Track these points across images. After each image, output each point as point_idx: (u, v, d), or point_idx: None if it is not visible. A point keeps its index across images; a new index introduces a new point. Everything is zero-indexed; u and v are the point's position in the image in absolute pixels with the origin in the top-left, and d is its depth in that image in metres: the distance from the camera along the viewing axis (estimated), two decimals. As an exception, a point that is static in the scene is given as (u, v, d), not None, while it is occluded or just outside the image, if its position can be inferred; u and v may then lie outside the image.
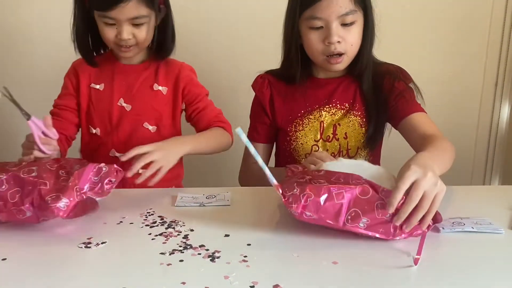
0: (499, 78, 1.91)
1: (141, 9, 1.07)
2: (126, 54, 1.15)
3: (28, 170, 0.80)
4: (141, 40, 1.12)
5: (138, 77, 1.20)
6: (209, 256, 0.69)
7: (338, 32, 1.01)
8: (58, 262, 0.68)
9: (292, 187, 0.74)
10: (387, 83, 1.11)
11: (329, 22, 1.01)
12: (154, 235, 0.77)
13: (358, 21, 1.03)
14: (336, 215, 0.72)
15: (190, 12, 1.73)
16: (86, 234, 0.77)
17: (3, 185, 0.79)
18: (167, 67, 1.22)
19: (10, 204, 0.77)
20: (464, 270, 0.66)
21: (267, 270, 0.65)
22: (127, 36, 1.08)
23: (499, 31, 1.86)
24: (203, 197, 0.96)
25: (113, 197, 0.97)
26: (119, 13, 1.05)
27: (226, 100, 1.84)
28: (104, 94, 1.20)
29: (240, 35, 1.80)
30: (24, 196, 0.77)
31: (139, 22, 1.09)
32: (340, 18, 1.00)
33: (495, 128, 1.97)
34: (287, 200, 0.73)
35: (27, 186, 0.78)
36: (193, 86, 1.23)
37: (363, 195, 0.73)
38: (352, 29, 1.03)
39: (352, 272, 0.65)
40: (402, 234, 0.72)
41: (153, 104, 1.20)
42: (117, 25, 1.08)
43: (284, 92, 1.16)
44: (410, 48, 1.87)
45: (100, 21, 1.09)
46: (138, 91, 1.20)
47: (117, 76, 1.20)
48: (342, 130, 1.12)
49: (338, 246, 0.72)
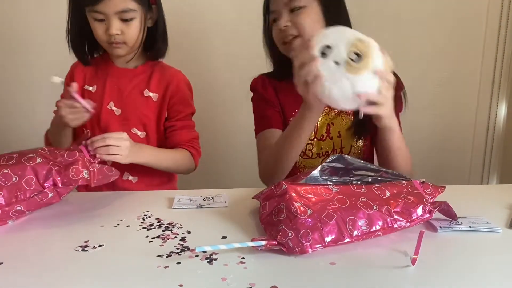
0: (496, 77, 1.92)
1: (128, 2, 1.08)
2: (117, 51, 1.14)
3: (27, 158, 0.85)
4: (130, 37, 1.12)
5: (130, 82, 1.20)
6: (206, 258, 0.69)
7: (287, 17, 1.06)
8: (55, 265, 0.68)
9: (285, 233, 0.71)
10: None
11: (278, 11, 1.07)
12: (152, 238, 0.77)
13: (309, 6, 1.05)
14: (339, 233, 0.71)
15: (186, 14, 1.74)
16: (83, 237, 0.77)
17: (13, 178, 0.82)
18: (161, 73, 1.22)
19: (29, 192, 0.81)
20: (462, 269, 0.66)
21: (264, 272, 0.65)
22: (115, 31, 1.09)
23: (495, 30, 1.87)
24: (200, 199, 0.96)
25: (110, 200, 0.97)
26: (106, 6, 1.07)
27: (224, 101, 1.85)
28: (96, 96, 1.19)
29: (238, 36, 1.80)
30: (43, 181, 0.83)
31: (127, 17, 1.09)
32: (287, 5, 1.05)
33: (492, 127, 1.97)
34: (288, 248, 0.70)
35: (41, 170, 0.83)
36: (179, 101, 1.22)
37: (343, 204, 0.74)
38: (301, 12, 1.05)
39: (349, 273, 0.65)
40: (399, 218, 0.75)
41: (142, 109, 1.19)
42: (105, 20, 1.09)
43: (280, 90, 1.18)
44: (407, 47, 1.87)
45: (91, 18, 1.10)
46: (129, 96, 1.19)
47: (110, 79, 1.20)
48: (336, 129, 1.14)
49: (336, 247, 0.71)
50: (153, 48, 1.20)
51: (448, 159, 2.04)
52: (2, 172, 0.82)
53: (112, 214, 0.89)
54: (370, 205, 0.75)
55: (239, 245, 0.70)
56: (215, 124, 1.86)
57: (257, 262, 0.68)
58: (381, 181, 0.88)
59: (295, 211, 0.72)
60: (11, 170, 0.83)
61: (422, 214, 0.77)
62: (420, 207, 0.77)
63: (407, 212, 0.76)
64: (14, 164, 0.84)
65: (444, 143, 2.03)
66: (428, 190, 0.83)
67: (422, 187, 0.83)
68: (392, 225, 0.74)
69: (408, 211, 0.76)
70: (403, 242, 0.73)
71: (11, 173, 0.82)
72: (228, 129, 1.88)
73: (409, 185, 0.82)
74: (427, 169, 2.03)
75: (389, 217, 0.74)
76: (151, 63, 1.22)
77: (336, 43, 0.80)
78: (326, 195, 0.76)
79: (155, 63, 1.23)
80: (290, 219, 0.72)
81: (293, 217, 0.72)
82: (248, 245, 0.70)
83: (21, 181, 0.82)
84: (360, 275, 0.64)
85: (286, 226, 0.71)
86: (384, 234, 0.74)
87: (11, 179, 0.82)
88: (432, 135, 2.02)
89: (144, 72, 1.22)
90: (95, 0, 1.06)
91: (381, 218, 0.74)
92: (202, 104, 1.38)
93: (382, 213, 0.74)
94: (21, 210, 0.82)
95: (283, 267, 0.67)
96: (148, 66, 1.22)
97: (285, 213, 0.73)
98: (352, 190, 0.78)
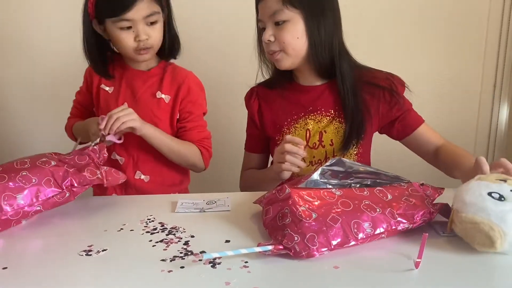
0: (497, 80, 1.92)
1: (153, 5, 1.10)
2: (145, 57, 1.16)
3: (41, 162, 0.88)
4: (156, 39, 1.14)
5: (143, 84, 1.21)
6: (210, 262, 0.69)
7: (271, 30, 1.07)
8: (59, 270, 0.68)
9: (291, 237, 0.71)
10: (374, 91, 1.12)
11: (264, 22, 1.08)
12: (155, 242, 0.77)
13: (292, 21, 1.05)
14: (344, 236, 0.71)
15: (194, 16, 1.74)
16: (87, 242, 0.77)
17: (33, 179, 0.84)
18: (173, 75, 1.23)
19: (49, 192, 0.84)
20: (465, 272, 0.66)
21: (268, 276, 0.65)
22: (145, 36, 1.11)
23: (496, 33, 1.87)
24: (203, 202, 0.96)
25: (114, 204, 0.98)
26: (136, 13, 1.08)
27: (225, 105, 1.85)
28: (112, 97, 1.22)
29: (242, 39, 1.80)
30: (61, 181, 0.86)
31: (153, 20, 1.11)
32: (271, 18, 1.06)
33: (494, 130, 1.97)
34: (294, 252, 0.70)
35: (57, 172, 0.86)
36: (190, 102, 1.23)
37: (347, 207, 0.75)
38: (284, 27, 1.06)
39: (353, 277, 0.65)
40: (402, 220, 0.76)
41: (154, 111, 1.20)
42: (133, 27, 1.10)
43: (271, 102, 1.19)
44: (409, 50, 1.87)
45: (116, 29, 1.10)
46: (141, 98, 1.20)
47: (125, 80, 1.22)
48: (328, 137, 1.13)
49: (339, 250, 0.71)
50: (166, 48, 1.21)
51: (450, 162, 2.03)
52: (21, 174, 0.84)
53: (115, 219, 0.89)
54: (374, 208, 0.75)
55: (246, 251, 0.69)
56: (217, 127, 1.86)
57: (261, 266, 0.68)
58: (380, 184, 0.88)
59: (300, 215, 0.72)
60: (29, 172, 0.85)
61: (424, 215, 0.77)
62: (422, 209, 0.78)
63: (410, 214, 0.77)
64: (30, 167, 0.86)
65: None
66: (428, 192, 0.83)
67: (422, 189, 0.84)
68: (396, 227, 0.75)
69: (411, 213, 0.77)
70: (406, 245, 0.73)
71: (30, 175, 0.84)
72: (231, 133, 1.88)
73: (410, 187, 0.83)
74: (429, 171, 2.03)
75: (393, 219, 0.75)
76: (163, 65, 1.24)
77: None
78: (330, 198, 0.76)
79: (167, 64, 1.24)
80: (295, 223, 0.72)
81: (298, 221, 0.72)
82: (255, 250, 0.70)
83: (40, 182, 0.84)
84: (363, 278, 0.64)
85: (292, 230, 0.71)
86: (388, 236, 0.75)
87: (31, 180, 0.83)
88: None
89: (157, 74, 1.23)
90: (124, 8, 1.06)
91: (385, 221, 0.74)
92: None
93: (386, 216, 0.75)
94: (39, 209, 0.85)
95: (287, 271, 0.67)
96: (160, 68, 1.24)
97: (290, 217, 0.74)
98: (355, 193, 0.79)
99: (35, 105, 1.88)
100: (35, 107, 1.88)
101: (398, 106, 1.12)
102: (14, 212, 0.81)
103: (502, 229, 0.67)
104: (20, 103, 1.88)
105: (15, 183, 0.82)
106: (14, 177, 0.83)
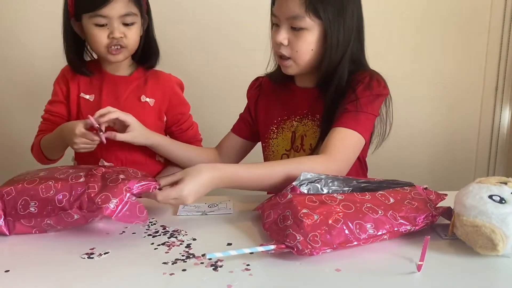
0: (499, 82, 1.92)
1: (130, 6, 1.11)
2: (117, 58, 1.15)
3: (75, 176, 0.83)
4: (132, 41, 1.14)
5: (126, 88, 1.21)
6: (211, 265, 0.69)
7: (285, 33, 1.02)
8: (61, 273, 0.68)
9: (293, 237, 0.71)
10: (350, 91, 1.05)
11: (280, 20, 1.02)
12: (157, 245, 0.78)
13: (311, 30, 1.00)
14: (346, 236, 0.71)
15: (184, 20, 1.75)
16: (89, 245, 0.77)
17: (51, 190, 0.81)
18: (155, 78, 1.24)
19: (57, 209, 0.80)
20: (467, 275, 0.65)
21: (269, 278, 0.65)
22: (119, 34, 1.11)
23: (498, 35, 1.87)
24: (205, 205, 0.96)
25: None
26: (111, 9, 1.08)
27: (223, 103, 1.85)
28: (94, 104, 1.20)
29: (236, 40, 1.81)
30: (73, 200, 0.80)
31: (129, 21, 1.11)
32: (289, 20, 1.00)
33: (496, 132, 1.97)
34: (297, 250, 0.69)
35: (76, 190, 0.80)
36: (178, 104, 1.26)
37: (349, 209, 0.75)
38: (301, 35, 1.00)
39: (355, 280, 0.65)
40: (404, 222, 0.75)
41: (140, 115, 1.19)
42: (108, 24, 1.10)
43: (269, 97, 1.19)
44: (410, 52, 1.88)
45: (91, 24, 1.11)
46: (126, 102, 1.20)
47: (106, 86, 1.21)
48: (308, 141, 1.11)
49: (341, 253, 0.72)
50: (147, 55, 1.22)
51: (453, 165, 2.03)
52: (47, 183, 0.82)
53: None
54: (376, 210, 0.75)
55: (249, 250, 0.70)
56: (217, 128, 1.86)
57: (263, 269, 0.68)
58: (383, 188, 0.88)
59: (302, 217, 0.72)
60: (54, 182, 0.82)
61: (426, 218, 0.77)
62: (424, 212, 0.78)
63: (412, 217, 0.77)
64: (63, 179, 0.83)
65: (448, 149, 2.03)
66: (431, 196, 0.83)
67: (426, 193, 0.84)
68: (398, 229, 0.75)
69: (413, 215, 0.77)
70: (408, 248, 0.73)
71: (53, 187, 0.81)
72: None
73: (413, 191, 0.83)
74: (431, 174, 2.03)
75: (395, 221, 0.75)
76: (144, 70, 1.25)
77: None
78: (331, 202, 0.76)
79: (147, 70, 1.25)
80: (297, 224, 0.72)
81: (300, 222, 0.72)
82: (258, 250, 0.70)
83: (55, 196, 0.80)
84: (365, 281, 0.64)
85: (294, 230, 0.71)
86: (390, 238, 0.75)
87: (50, 191, 0.81)
88: (436, 140, 2.02)
89: (138, 78, 1.24)
90: (100, 3, 1.07)
91: (387, 223, 0.74)
92: (203, 108, 1.40)
93: (388, 218, 0.75)
94: (51, 224, 0.81)
95: (288, 273, 0.67)
96: (141, 73, 1.25)
97: (292, 219, 0.74)
98: (356, 197, 0.79)
99: (26, 105, 1.88)
100: (26, 107, 1.89)
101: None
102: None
103: (503, 232, 0.67)
104: (12, 104, 1.89)
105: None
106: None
